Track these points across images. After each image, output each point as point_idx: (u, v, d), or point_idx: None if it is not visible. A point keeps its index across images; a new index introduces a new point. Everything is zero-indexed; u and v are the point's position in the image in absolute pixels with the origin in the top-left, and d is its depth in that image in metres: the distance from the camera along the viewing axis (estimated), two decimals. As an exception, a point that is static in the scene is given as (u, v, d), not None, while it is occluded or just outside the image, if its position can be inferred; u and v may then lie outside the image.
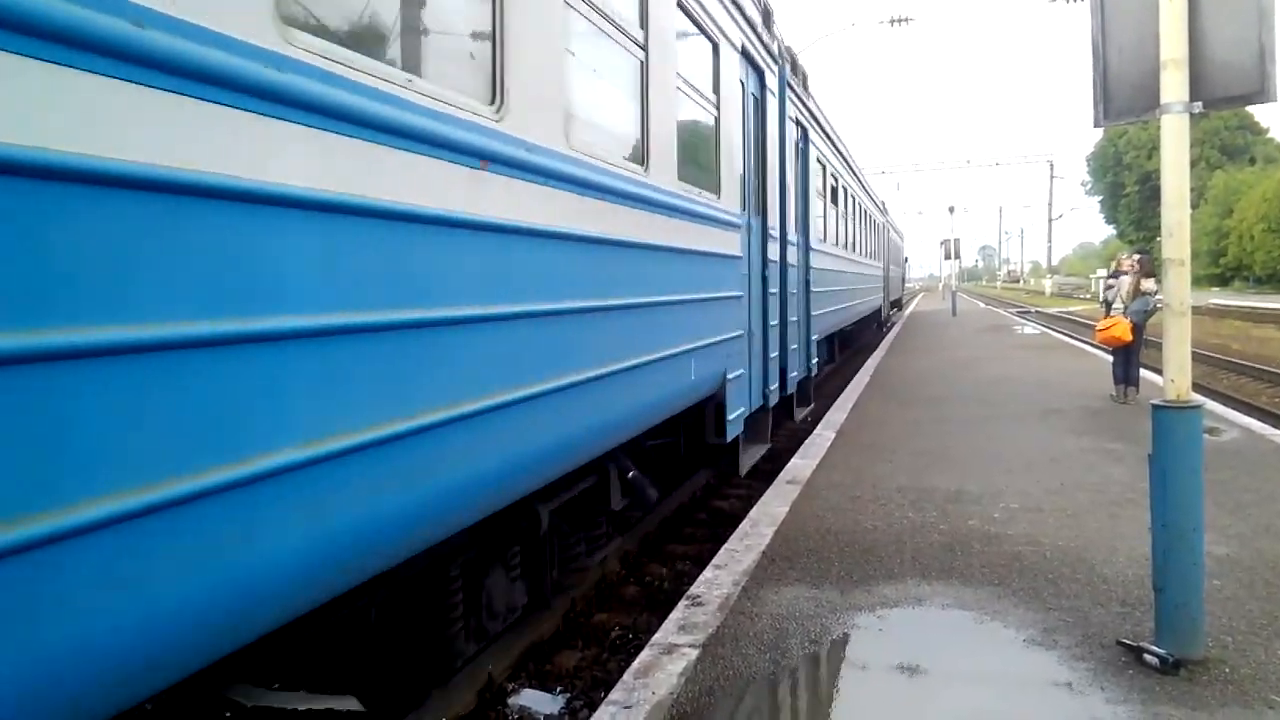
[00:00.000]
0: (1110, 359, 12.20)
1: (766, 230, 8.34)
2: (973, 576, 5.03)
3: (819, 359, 12.71)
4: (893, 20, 35.04)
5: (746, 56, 7.71)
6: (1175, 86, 3.76)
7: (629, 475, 5.47)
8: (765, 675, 3.88)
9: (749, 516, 6.40)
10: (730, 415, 6.65)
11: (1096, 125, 4.22)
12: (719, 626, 4.36)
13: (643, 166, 4.88)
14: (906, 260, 57.41)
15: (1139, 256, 11.90)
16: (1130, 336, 11.17)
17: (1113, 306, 11.63)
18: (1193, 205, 4.31)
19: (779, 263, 8.86)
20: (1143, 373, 11.75)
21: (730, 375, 6.64)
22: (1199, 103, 3.78)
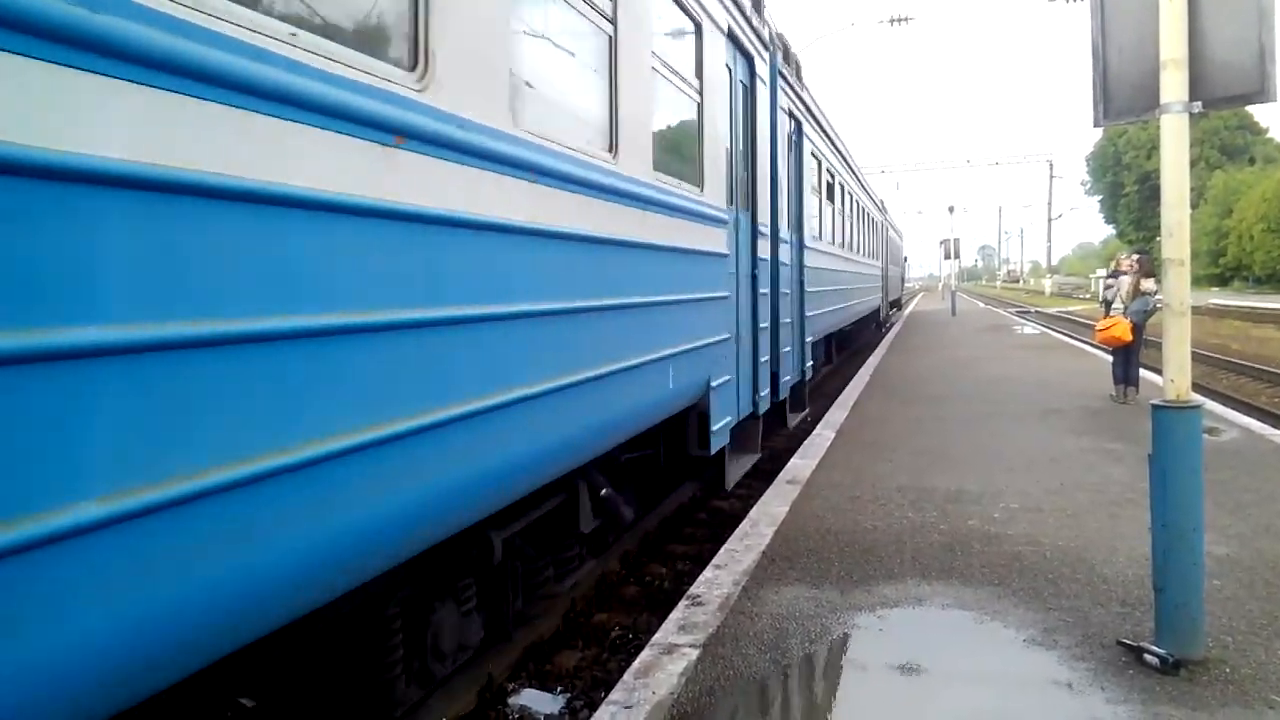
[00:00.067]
0: (1110, 359, 12.21)
1: (756, 227, 7.91)
2: (973, 576, 5.03)
3: (814, 361, 12.17)
4: (892, 20, 35.10)
5: (734, 40, 7.20)
6: (1175, 86, 3.76)
7: (602, 493, 5.10)
8: (766, 675, 3.89)
9: (749, 516, 6.40)
10: (714, 425, 6.24)
11: (1096, 125, 4.23)
12: (719, 626, 4.36)
13: (611, 153, 4.46)
14: (906, 260, 57.36)
15: (1138, 256, 11.92)
16: (1130, 336, 11.18)
17: (1112, 306, 11.64)
18: (1192, 205, 4.31)
19: (770, 261, 8.48)
20: (1142, 373, 11.75)
21: (715, 382, 6.24)
22: (1199, 103, 3.78)
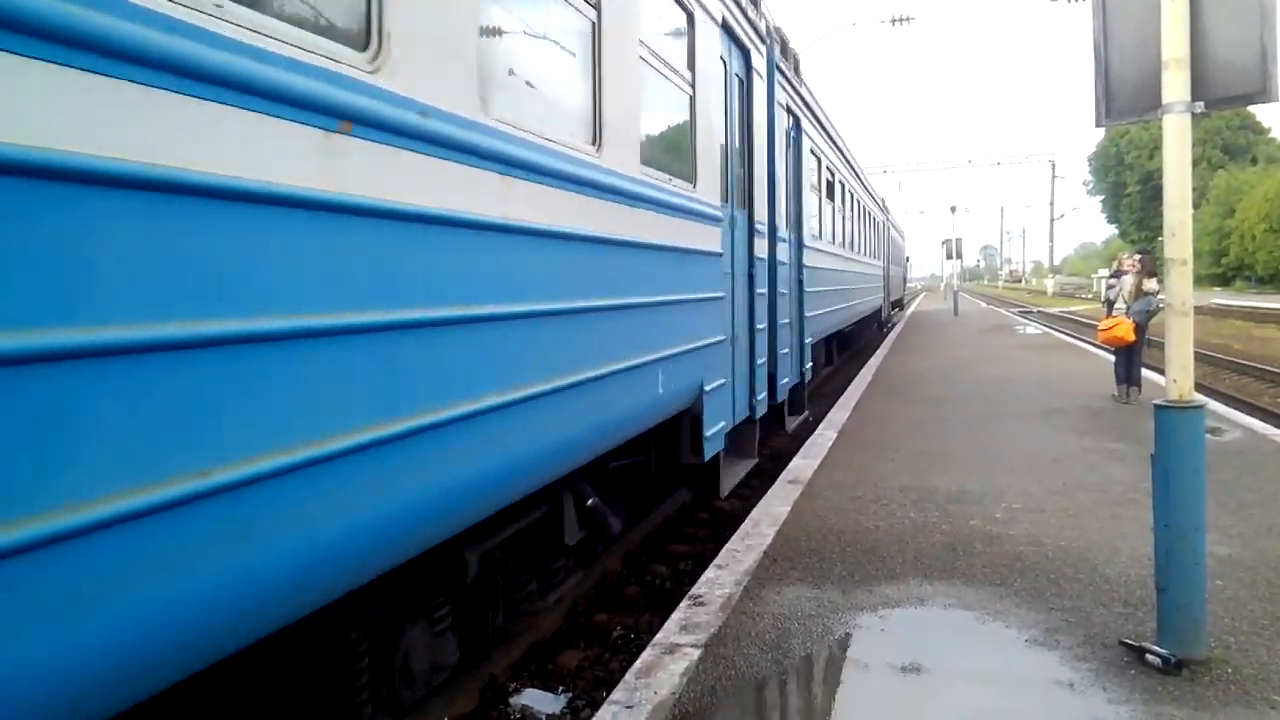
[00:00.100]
0: (1112, 359, 12.20)
1: (753, 225, 7.69)
2: (975, 576, 5.03)
3: (814, 363, 11.92)
4: (893, 20, 35.08)
5: (728, 32, 6.99)
6: (1177, 86, 3.76)
7: (588, 503, 4.92)
8: (767, 675, 3.89)
9: (750, 516, 6.40)
10: (708, 431, 6.01)
11: (1098, 125, 4.22)
12: (721, 626, 4.36)
13: (594, 146, 4.26)
14: (908, 260, 57.32)
15: (1140, 256, 11.91)
16: (1132, 336, 11.18)
17: (1115, 306, 11.63)
18: (1194, 205, 4.31)
19: (768, 261, 8.26)
20: (1145, 373, 11.74)
21: (708, 386, 6.01)
22: (1201, 103, 3.78)
